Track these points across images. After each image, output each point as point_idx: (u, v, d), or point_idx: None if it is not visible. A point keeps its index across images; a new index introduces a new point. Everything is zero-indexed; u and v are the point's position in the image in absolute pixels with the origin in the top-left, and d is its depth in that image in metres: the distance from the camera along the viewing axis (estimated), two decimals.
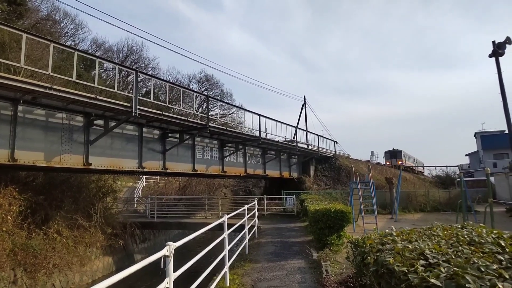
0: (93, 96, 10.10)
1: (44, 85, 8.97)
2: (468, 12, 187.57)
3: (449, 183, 33.17)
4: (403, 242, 3.90)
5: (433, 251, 3.27)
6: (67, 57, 27.18)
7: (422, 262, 2.95)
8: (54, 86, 9.03)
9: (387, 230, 4.82)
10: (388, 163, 45.86)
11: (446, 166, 33.10)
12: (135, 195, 25.78)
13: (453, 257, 3.03)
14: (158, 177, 30.28)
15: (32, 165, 10.14)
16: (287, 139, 22.53)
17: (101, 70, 37.36)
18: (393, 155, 47.67)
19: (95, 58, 11.00)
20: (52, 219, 13.23)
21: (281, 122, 20.92)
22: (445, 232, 4.54)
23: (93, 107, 10.65)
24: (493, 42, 16.17)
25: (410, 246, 3.57)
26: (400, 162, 43.97)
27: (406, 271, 2.82)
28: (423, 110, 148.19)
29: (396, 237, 4.28)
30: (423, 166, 55.86)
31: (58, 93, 9.15)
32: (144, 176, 29.00)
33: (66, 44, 28.39)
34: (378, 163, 42.83)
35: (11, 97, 9.39)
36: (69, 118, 11.07)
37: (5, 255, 10.53)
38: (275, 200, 21.90)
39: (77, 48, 24.96)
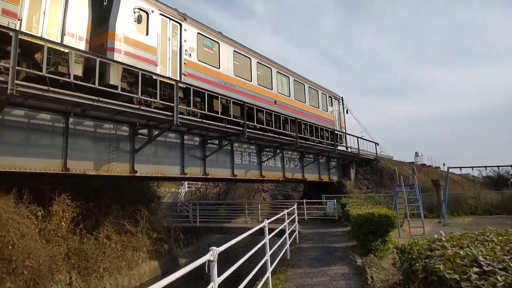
0: (137, 106, 10.56)
1: (92, 97, 9.49)
2: (510, 3, 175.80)
3: (501, 184, 30.95)
4: (453, 248, 3.72)
5: (488, 258, 3.09)
6: None
7: (475, 269, 2.81)
8: (101, 99, 9.54)
9: (435, 236, 4.62)
10: None
11: (498, 166, 30.46)
12: (178, 200, 26.52)
13: (511, 265, 2.85)
14: (199, 183, 30.96)
15: (83, 173, 10.74)
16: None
17: None
18: None
19: (137, 71, 11.49)
20: (102, 224, 13.93)
21: (318, 125, 20.69)
22: (500, 238, 4.27)
23: (137, 117, 11.14)
24: None
25: (461, 253, 3.40)
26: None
27: (458, 278, 2.69)
28: (466, 107, 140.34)
29: (445, 243, 4.09)
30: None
31: (104, 105, 9.65)
32: (186, 182, 29.77)
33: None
34: (423, 165, 40.35)
35: (63, 110, 10.04)
36: (116, 128, 11.64)
37: (61, 259, 11.24)
38: (315, 205, 21.63)
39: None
